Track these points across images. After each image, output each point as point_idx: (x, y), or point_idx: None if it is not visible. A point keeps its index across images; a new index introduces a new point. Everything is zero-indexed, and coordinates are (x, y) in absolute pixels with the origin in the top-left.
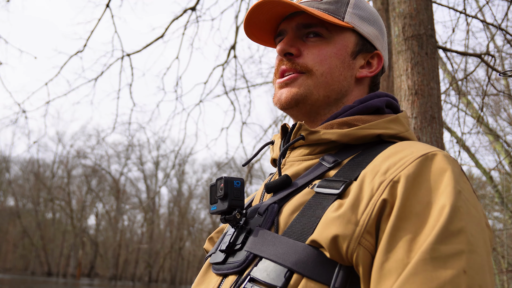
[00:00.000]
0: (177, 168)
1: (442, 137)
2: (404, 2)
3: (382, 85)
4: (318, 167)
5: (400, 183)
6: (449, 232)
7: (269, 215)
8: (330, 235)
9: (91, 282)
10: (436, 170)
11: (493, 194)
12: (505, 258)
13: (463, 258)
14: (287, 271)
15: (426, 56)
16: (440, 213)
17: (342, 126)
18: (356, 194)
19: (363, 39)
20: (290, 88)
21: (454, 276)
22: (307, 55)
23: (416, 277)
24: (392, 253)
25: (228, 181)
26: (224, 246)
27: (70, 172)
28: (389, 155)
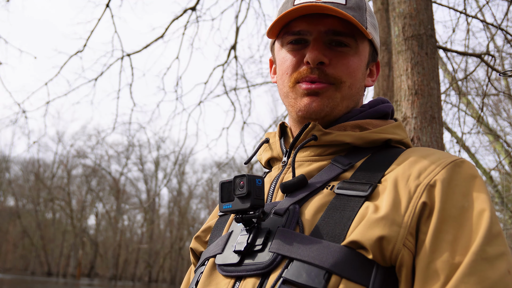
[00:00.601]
0: (177, 168)
1: (442, 137)
2: (404, 2)
3: (382, 85)
4: (331, 168)
5: (437, 187)
6: (492, 235)
7: (292, 215)
8: (375, 236)
9: (91, 282)
10: (466, 176)
11: (493, 194)
12: None
13: (505, 259)
14: (326, 272)
15: (426, 56)
16: (480, 217)
17: (354, 129)
18: (393, 196)
19: (373, 49)
20: (321, 99)
21: (502, 275)
22: (337, 66)
23: (470, 277)
24: (437, 254)
25: (251, 179)
26: (241, 246)
27: (70, 172)
28: (416, 160)
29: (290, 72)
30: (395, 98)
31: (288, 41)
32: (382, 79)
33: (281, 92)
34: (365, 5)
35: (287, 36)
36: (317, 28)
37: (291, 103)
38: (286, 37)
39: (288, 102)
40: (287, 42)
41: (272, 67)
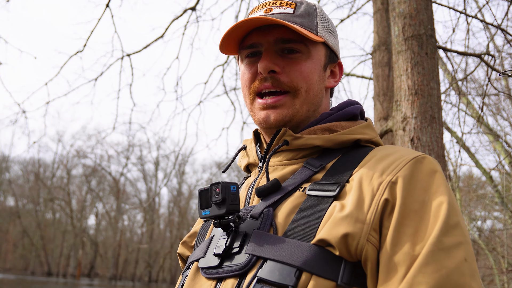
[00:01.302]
0: (177, 168)
1: (442, 137)
2: (404, 2)
3: (382, 85)
4: (303, 171)
5: (398, 184)
6: (449, 226)
7: (266, 218)
8: (340, 234)
9: (91, 282)
10: (427, 171)
11: (493, 194)
12: (505, 258)
13: (462, 248)
14: (296, 270)
15: (426, 56)
16: (438, 209)
17: (324, 132)
18: (357, 194)
19: (330, 51)
20: (279, 110)
21: (458, 264)
22: (290, 72)
23: (427, 267)
24: (398, 247)
25: (225, 186)
26: (220, 250)
27: (70, 172)
28: (380, 159)
29: (248, 85)
30: (395, 98)
31: (245, 55)
32: (382, 79)
33: (246, 103)
34: (315, 10)
35: (243, 51)
36: (266, 38)
37: (253, 116)
38: (242, 51)
39: (251, 115)
40: (244, 56)
41: None
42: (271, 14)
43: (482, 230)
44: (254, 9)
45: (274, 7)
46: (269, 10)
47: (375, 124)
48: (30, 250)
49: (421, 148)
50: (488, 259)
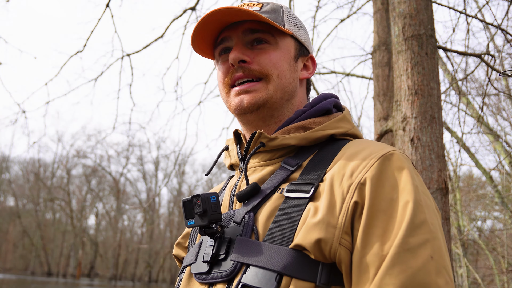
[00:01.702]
0: (177, 169)
1: (442, 137)
2: (404, 2)
3: (382, 85)
4: (281, 171)
5: (367, 185)
6: (415, 225)
7: (248, 224)
8: (313, 239)
9: (91, 282)
10: (394, 168)
11: (493, 194)
12: (505, 258)
13: (428, 246)
14: (277, 275)
15: (426, 56)
16: (404, 208)
17: (298, 130)
18: (329, 198)
19: (300, 44)
20: (253, 93)
21: (424, 263)
22: (260, 61)
23: (393, 268)
24: (368, 248)
25: (205, 198)
26: (207, 257)
27: (70, 172)
28: (350, 156)
29: (223, 79)
30: (395, 98)
31: (219, 54)
32: (382, 79)
33: (222, 100)
34: (281, 8)
35: (217, 49)
36: (235, 32)
37: (229, 106)
38: (216, 50)
39: (227, 106)
40: (218, 55)
41: None
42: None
43: (482, 230)
44: None
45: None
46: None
47: (375, 124)
48: (30, 250)
49: (421, 148)
50: (488, 259)
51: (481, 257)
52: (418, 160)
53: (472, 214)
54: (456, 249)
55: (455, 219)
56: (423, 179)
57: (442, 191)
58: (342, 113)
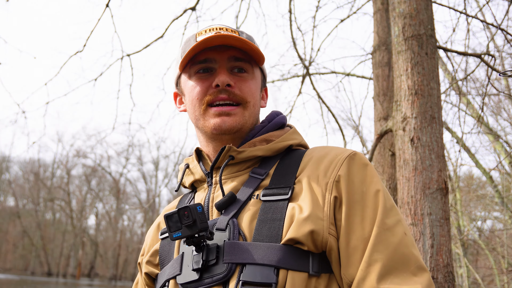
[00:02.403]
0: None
1: (442, 137)
2: (404, 2)
3: (382, 85)
4: (251, 180)
5: (341, 181)
6: (387, 209)
7: (233, 228)
8: (306, 231)
9: (91, 282)
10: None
11: (493, 194)
12: (505, 258)
13: (400, 225)
14: (274, 268)
15: (426, 56)
16: (376, 197)
17: (262, 143)
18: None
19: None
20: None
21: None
22: (242, 88)
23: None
24: (352, 233)
25: (193, 209)
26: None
27: (70, 172)
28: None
29: (201, 97)
30: (395, 98)
31: (195, 71)
32: (382, 79)
33: (193, 117)
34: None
35: (194, 66)
36: (221, 56)
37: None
38: (193, 67)
39: (201, 124)
40: (194, 72)
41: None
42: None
43: (482, 230)
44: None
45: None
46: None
47: (375, 124)
48: (30, 250)
49: (421, 148)
50: (488, 259)
51: (481, 257)
52: (418, 160)
53: (472, 214)
54: (456, 249)
55: (455, 219)
56: (423, 179)
57: (442, 191)
58: (293, 127)
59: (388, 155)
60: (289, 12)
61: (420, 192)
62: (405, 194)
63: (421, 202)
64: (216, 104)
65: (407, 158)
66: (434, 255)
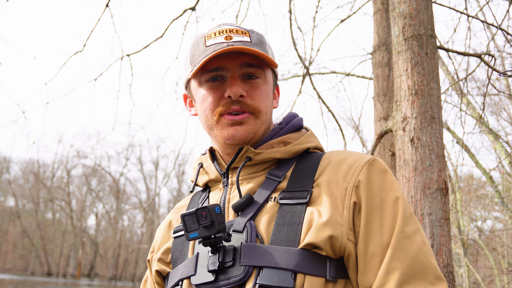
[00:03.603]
0: (177, 169)
1: (442, 137)
2: (404, 2)
3: (382, 85)
4: (268, 182)
5: (361, 187)
6: (406, 216)
7: (251, 231)
8: (325, 236)
9: (91, 282)
10: (379, 171)
11: (493, 194)
12: (505, 258)
13: (419, 233)
14: (291, 273)
15: (426, 56)
16: (395, 203)
17: (279, 145)
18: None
19: (275, 75)
20: (245, 127)
21: (420, 247)
22: (253, 96)
23: (397, 253)
24: (370, 240)
25: (211, 210)
26: (214, 266)
27: (70, 172)
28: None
29: (213, 108)
30: (395, 98)
31: (206, 79)
32: (382, 79)
33: (206, 125)
34: (264, 39)
35: (205, 74)
36: (233, 63)
37: (218, 134)
38: (204, 75)
39: (214, 134)
40: (205, 80)
41: (187, 101)
42: (233, 42)
43: (482, 230)
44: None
45: (232, 34)
46: (229, 37)
47: (375, 124)
48: (30, 250)
49: (421, 148)
50: (488, 259)
51: (481, 257)
52: (418, 160)
53: (472, 214)
54: (457, 249)
55: (455, 219)
56: (423, 179)
57: (442, 191)
58: (309, 130)
59: (388, 155)
60: (289, 12)
61: (420, 192)
62: (405, 194)
63: (421, 202)
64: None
65: (407, 158)
66: (434, 255)
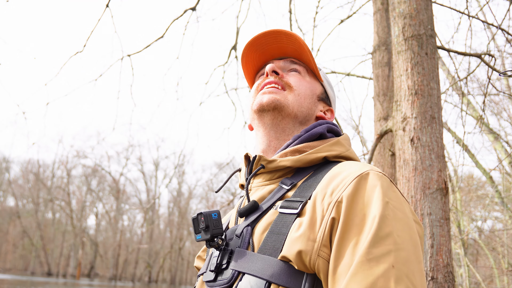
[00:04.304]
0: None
1: (442, 137)
2: (404, 2)
3: (382, 85)
4: (279, 190)
5: (343, 203)
6: (379, 237)
7: (245, 236)
8: (295, 251)
9: (91, 282)
10: (369, 187)
11: (493, 194)
12: (505, 258)
13: (391, 256)
14: (266, 282)
15: (426, 56)
16: (372, 222)
17: (294, 154)
18: (311, 214)
19: (326, 94)
20: (274, 95)
21: (385, 270)
22: (289, 78)
23: (356, 276)
24: (341, 259)
25: (207, 215)
26: (213, 267)
27: (70, 172)
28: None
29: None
30: (395, 98)
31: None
32: (382, 79)
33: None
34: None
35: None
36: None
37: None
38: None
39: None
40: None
41: None
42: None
43: (482, 230)
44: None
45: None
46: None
47: (375, 124)
48: (30, 250)
49: (421, 148)
50: (488, 259)
51: (481, 257)
52: (418, 160)
53: (472, 214)
54: (457, 249)
55: (456, 219)
56: (423, 179)
57: (442, 191)
58: (337, 138)
59: (388, 155)
60: (289, 12)
61: (420, 192)
62: (405, 194)
63: (421, 202)
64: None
65: (407, 158)
66: (434, 255)
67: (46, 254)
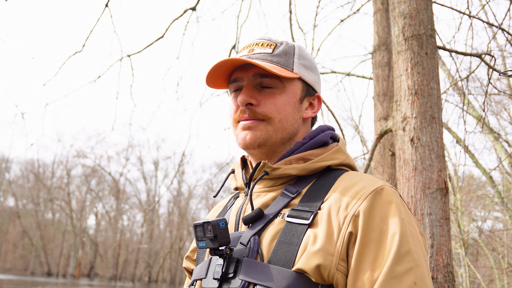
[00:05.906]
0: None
1: (442, 137)
2: (404, 2)
3: (382, 85)
4: (283, 197)
5: (360, 217)
6: (401, 255)
7: (253, 246)
8: (313, 265)
9: (91, 282)
10: (384, 202)
11: (493, 194)
12: (505, 258)
13: (412, 273)
14: None
15: (426, 56)
16: (392, 239)
17: (298, 161)
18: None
19: (307, 85)
20: (253, 131)
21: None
22: (265, 105)
23: None
24: (360, 273)
25: (215, 224)
26: (218, 275)
27: (69, 172)
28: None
29: (232, 115)
30: (395, 98)
31: (232, 90)
32: (382, 79)
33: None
34: (293, 50)
35: (230, 85)
36: (246, 74)
37: (236, 140)
38: (230, 86)
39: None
40: (232, 90)
41: None
42: (252, 54)
43: (482, 230)
44: (241, 50)
45: (256, 47)
46: (251, 50)
47: (375, 124)
48: (30, 250)
49: (421, 148)
50: (488, 259)
51: (481, 257)
52: (418, 160)
53: (473, 214)
54: (458, 248)
55: (456, 219)
56: (423, 179)
57: (442, 191)
58: (338, 145)
59: (388, 155)
60: (290, 12)
61: (420, 192)
62: (405, 194)
63: (421, 202)
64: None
65: (407, 158)
66: (434, 255)
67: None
